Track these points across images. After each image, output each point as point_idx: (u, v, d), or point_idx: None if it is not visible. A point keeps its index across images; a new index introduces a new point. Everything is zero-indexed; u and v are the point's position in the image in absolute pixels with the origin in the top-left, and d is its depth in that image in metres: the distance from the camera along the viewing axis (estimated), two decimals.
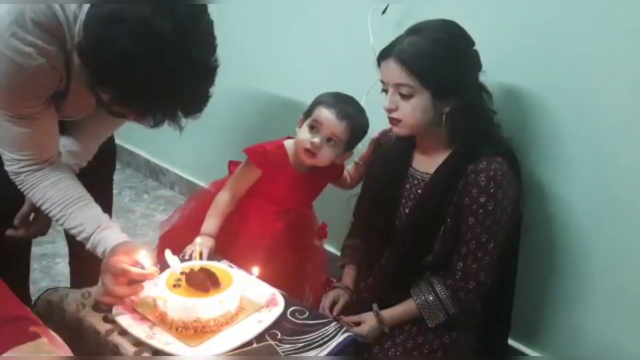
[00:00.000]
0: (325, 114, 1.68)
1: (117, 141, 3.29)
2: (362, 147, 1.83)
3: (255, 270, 1.47)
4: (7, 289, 1.31)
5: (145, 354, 1.29)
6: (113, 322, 1.36)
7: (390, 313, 1.62)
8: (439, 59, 1.51)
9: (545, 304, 1.79)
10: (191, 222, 1.81)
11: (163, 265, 1.42)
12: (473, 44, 1.56)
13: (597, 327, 1.70)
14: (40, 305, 1.48)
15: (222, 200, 1.77)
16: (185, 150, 2.95)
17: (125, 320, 1.36)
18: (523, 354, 1.84)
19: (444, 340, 1.60)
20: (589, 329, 1.72)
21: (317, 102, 1.72)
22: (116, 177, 3.15)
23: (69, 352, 1.09)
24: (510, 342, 1.83)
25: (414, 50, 1.50)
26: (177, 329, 1.33)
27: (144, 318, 1.37)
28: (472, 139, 1.56)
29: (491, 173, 1.51)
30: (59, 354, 1.06)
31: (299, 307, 1.46)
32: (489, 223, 1.52)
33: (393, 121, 1.58)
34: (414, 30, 1.55)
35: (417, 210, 1.63)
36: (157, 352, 1.29)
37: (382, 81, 1.58)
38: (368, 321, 1.62)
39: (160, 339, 1.31)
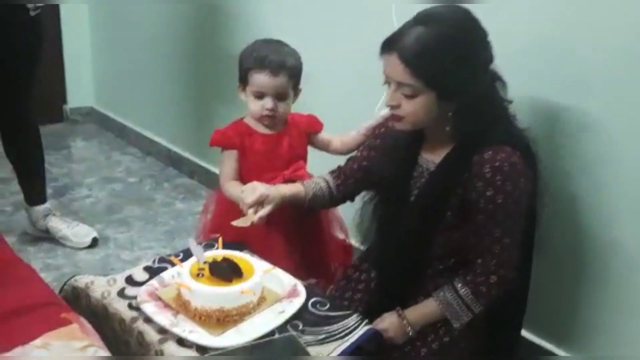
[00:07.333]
0: (261, 80, 1.68)
1: (138, 129, 3.39)
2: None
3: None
4: (37, 274, 1.33)
5: (170, 342, 1.31)
6: (138, 309, 1.39)
7: (413, 312, 1.52)
8: (447, 59, 1.38)
9: (571, 303, 1.78)
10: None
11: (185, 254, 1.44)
12: (486, 34, 1.43)
13: (623, 326, 1.69)
14: (66, 292, 1.50)
15: (230, 185, 1.75)
16: (205, 140, 2.93)
17: (149, 308, 1.38)
18: (552, 353, 1.83)
19: (443, 340, 1.53)
20: (614, 328, 1.71)
21: (246, 69, 1.71)
22: (136, 165, 3.26)
23: (98, 339, 1.12)
24: (534, 338, 1.83)
25: (420, 48, 1.38)
26: (200, 318, 1.36)
27: (167, 306, 1.39)
28: (479, 133, 1.45)
29: (497, 164, 1.40)
30: (89, 340, 1.09)
31: (320, 299, 1.47)
32: (501, 217, 1.43)
33: (395, 117, 1.49)
34: (422, 20, 1.41)
35: (419, 199, 1.55)
36: (180, 339, 1.31)
37: (384, 73, 1.47)
38: (386, 316, 1.53)
39: (184, 327, 1.33)
